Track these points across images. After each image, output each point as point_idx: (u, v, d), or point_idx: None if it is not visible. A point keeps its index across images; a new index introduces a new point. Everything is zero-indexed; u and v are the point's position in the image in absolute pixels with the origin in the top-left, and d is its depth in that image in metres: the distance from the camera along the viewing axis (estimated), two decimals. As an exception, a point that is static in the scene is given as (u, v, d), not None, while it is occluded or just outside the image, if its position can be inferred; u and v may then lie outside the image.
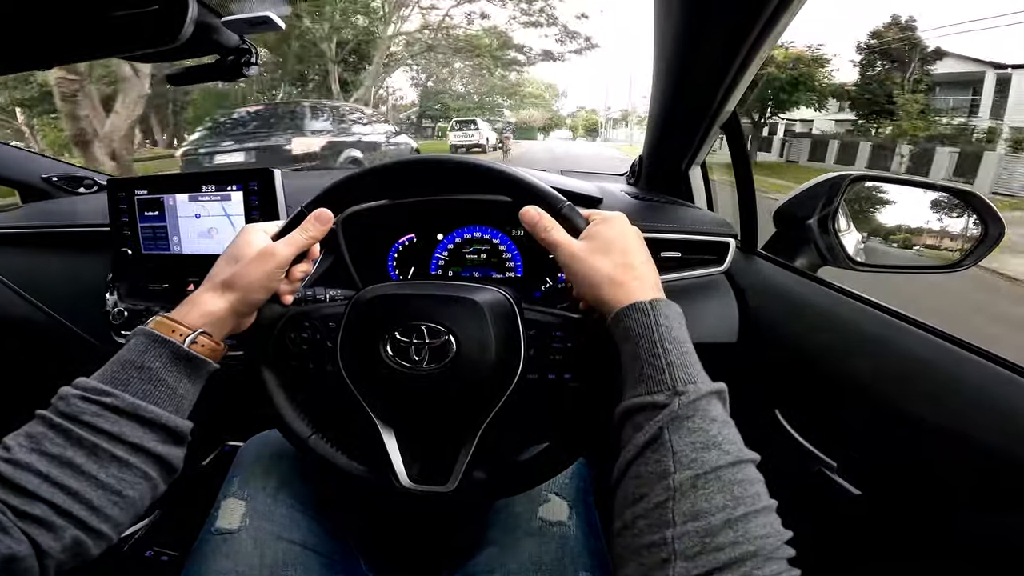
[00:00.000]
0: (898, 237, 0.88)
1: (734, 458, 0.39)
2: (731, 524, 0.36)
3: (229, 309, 0.53)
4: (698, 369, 0.43)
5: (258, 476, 0.68)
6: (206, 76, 0.71)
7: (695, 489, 0.37)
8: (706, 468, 0.38)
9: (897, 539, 0.62)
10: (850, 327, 0.71)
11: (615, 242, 0.50)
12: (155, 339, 0.48)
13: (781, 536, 0.37)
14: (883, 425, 0.61)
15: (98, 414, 0.43)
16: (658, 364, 0.42)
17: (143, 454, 0.45)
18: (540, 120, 47.87)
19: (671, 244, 0.87)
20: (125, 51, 0.57)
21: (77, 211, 1.15)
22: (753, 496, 0.38)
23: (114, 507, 0.43)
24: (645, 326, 0.44)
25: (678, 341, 0.44)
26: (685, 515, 0.37)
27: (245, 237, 0.55)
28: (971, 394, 0.56)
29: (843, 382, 0.67)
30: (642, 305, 0.45)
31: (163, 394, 0.47)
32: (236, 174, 0.92)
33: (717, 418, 0.41)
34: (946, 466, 0.56)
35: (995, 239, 0.75)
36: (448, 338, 0.53)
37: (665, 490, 0.38)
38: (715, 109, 0.79)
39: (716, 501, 0.37)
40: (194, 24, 0.52)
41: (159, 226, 0.96)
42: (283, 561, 0.61)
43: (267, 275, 0.53)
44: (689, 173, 1.03)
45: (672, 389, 0.41)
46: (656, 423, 0.40)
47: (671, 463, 0.39)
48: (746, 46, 0.62)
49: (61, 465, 0.41)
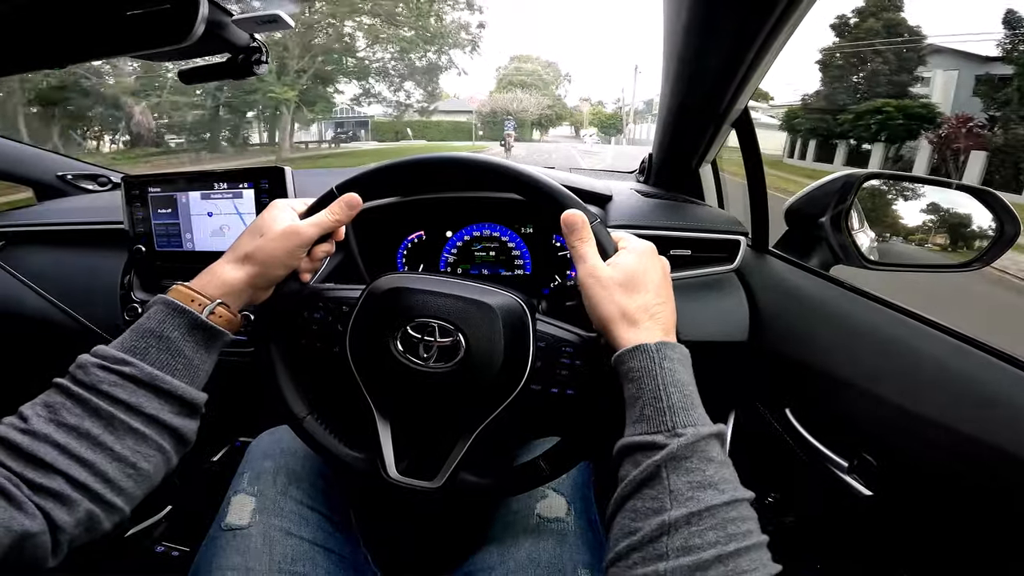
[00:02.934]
0: (912, 236, 0.87)
1: (729, 497, 0.40)
2: (722, 559, 0.37)
3: (247, 281, 0.53)
4: (699, 412, 0.44)
5: (268, 472, 0.69)
6: (217, 74, 0.72)
7: (689, 525, 0.38)
8: (701, 506, 0.39)
9: (908, 540, 0.61)
10: (863, 327, 0.70)
11: (639, 280, 0.50)
12: (174, 308, 0.48)
13: (769, 570, 0.38)
14: (895, 426, 0.61)
15: (116, 384, 0.43)
16: (660, 407, 0.43)
17: (159, 426, 0.45)
18: (534, 109, 37.00)
19: (681, 242, 0.86)
20: (137, 50, 0.58)
21: (92, 208, 1.16)
22: (745, 533, 0.39)
23: (128, 480, 0.43)
24: (649, 368, 0.45)
25: (681, 384, 0.45)
26: (678, 550, 0.38)
27: (272, 212, 0.56)
28: (986, 396, 0.55)
29: (855, 382, 0.66)
30: (648, 348, 0.46)
31: (180, 364, 0.47)
32: (247, 172, 0.93)
33: (715, 459, 0.42)
34: (959, 469, 0.55)
35: (1011, 238, 0.74)
36: (458, 339, 0.53)
37: (660, 525, 0.39)
38: (726, 106, 0.78)
39: (708, 537, 0.38)
40: (205, 23, 0.52)
41: (172, 223, 0.97)
42: (292, 557, 0.62)
43: (289, 252, 0.54)
44: (700, 171, 1.02)
45: (672, 431, 0.42)
46: (655, 462, 0.41)
47: (667, 500, 0.40)
48: (757, 43, 0.61)
49: (79, 436, 0.41)
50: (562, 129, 43.28)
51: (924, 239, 0.86)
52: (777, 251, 0.90)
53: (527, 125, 36.42)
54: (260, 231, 0.54)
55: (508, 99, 37.02)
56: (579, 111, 49.42)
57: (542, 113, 38.46)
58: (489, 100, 36.75)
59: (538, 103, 37.88)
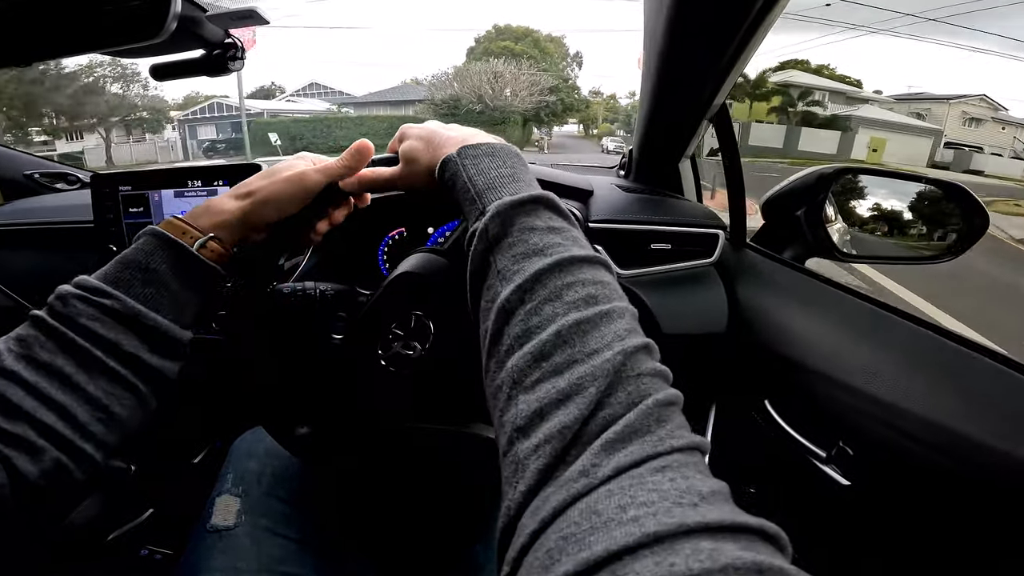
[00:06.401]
0: (884, 228, 0.89)
1: (556, 259, 0.35)
2: (563, 336, 0.31)
3: (240, 213, 0.49)
4: (512, 187, 0.42)
5: (252, 473, 0.68)
6: (191, 71, 0.70)
7: (522, 304, 0.34)
8: (526, 276, 0.34)
9: (886, 529, 0.63)
10: (837, 318, 0.72)
11: (416, 142, 0.51)
12: (164, 240, 0.45)
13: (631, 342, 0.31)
14: (869, 415, 0.63)
15: (95, 317, 0.40)
16: (470, 196, 0.42)
17: (136, 365, 0.42)
18: (526, 93, 21.61)
19: (661, 236, 0.88)
20: (108, 46, 0.56)
21: (61, 207, 1.13)
22: (586, 298, 0.33)
23: (99, 424, 0.40)
24: (455, 171, 0.45)
25: (485, 170, 0.43)
26: (519, 337, 0.32)
27: (288, 160, 0.54)
28: (958, 385, 0.57)
29: (830, 373, 0.68)
30: (450, 156, 0.46)
31: (166, 300, 0.44)
32: (223, 169, 0.91)
33: (538, 227, 0.38)
34: (930, 456, 0.57)
35: (979, 231, 0.76)
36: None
37: (498, 313, 0.34)
38: (704, 103, 0.79)
39: (545, 312, 0.33)
40: (177, 19, 0.51)
41: (144, 223, 0.94)
42: (280, 556, 0.61)
43: (290, 196, 0.51)
44: (679, 166, 1.03)
45: (482, 211, 0.40)
46: (476, 248, 0.39)
47: (498, 284, 0.36)
48: (735, 42, 0.62)
49: (49, 375, 0.38)
50: (567, 127, 29.37)
51: (895, 231, 0.88)
52: (754, 244, 0.91)
53: (512, 122, 21.04)
54: (271, 173, 0.52)
55: (480, 73, 21.22)
56: (595, 101, 36.20)
57: (541, 101, 22.22)
58: (450, 79, 22.73)
59: (533, 83, 21.85)
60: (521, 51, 23.59)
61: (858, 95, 19.93)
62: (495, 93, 21.15)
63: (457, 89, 21.60)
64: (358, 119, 21.18)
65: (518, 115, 21.28)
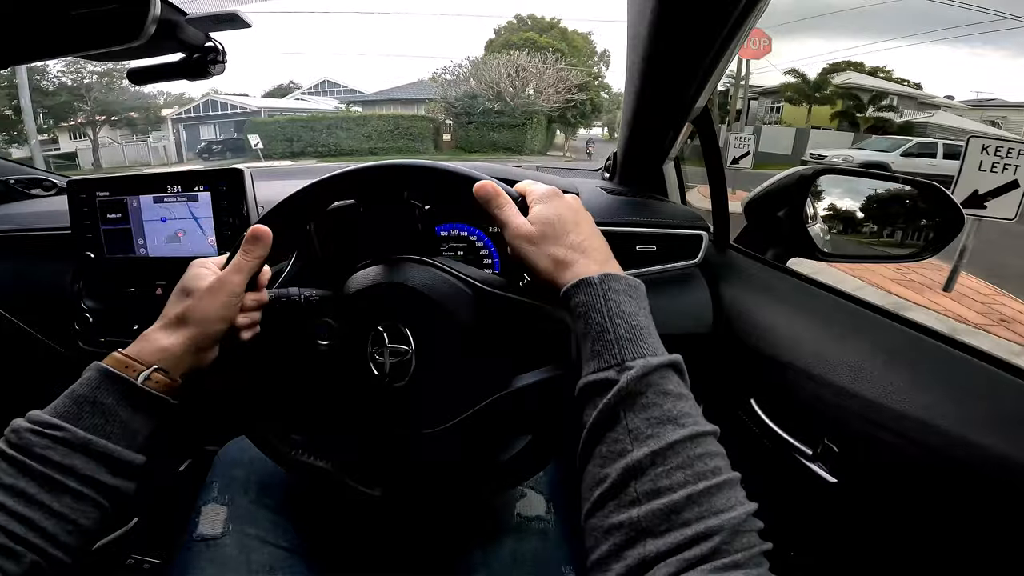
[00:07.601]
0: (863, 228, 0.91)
1: (691, 432, 0.38)
2: (694, 499, 0.35)
3: (185, 344, 0.50)
4: (650, 343, 0.42)
5: (238, 480, 0.67)
6: (169, 75, 0.69)
7: (654, 466, 0.37)
8: (663, 443, 0.37)
9: (872, 525, 0.64)
10: (819, 317, 0.73)
11: (559, 224, 0.49)
12: (108, 375, 0.47)
13: (746, 508, 0.36)
14: (852, 412, 0.63)
15: (49, 447, 0.43)
16: (607, 340, 0.41)
17: (95, 485, 0.45)
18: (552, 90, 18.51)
19: (646, 238, 0.88)
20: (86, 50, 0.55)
21: (37, 214, 1.10)
22: (713, 470, 0.37)
23: (68, 535, 0.43)
24: (593, 301, 0.43)
25: (628, 315, 0.43)
26: (648, 494, 0.36)
27: (193, 271, 0.53)
28: (940, 381, 0.58)
29: (813, 371, 0.69)
30: (591, 281, 0.44)
31: (116, 428, 0.46)
32: (203, 174, 0.90)
33: (671, 392, 0.40)
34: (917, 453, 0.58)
35: (955, 229, 0.78)
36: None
37: (626, 469, 0.37)
38: (687, 105, 0.80)
39: (677, 477, 0.36)
40: (156, 23, 0.50)
41: (123, 229, 0.93)
42: (270, 565, 0.61)
43: (222, 305, 0.51)
44: (663, 168, 1.04)
45: (620, 364, 0.40)
46: (609, 401, 0.39)
47: (628, 441, 0.38)
48: (716, 44, 0.63)
49: (15, 495, 0.41)
50: (593, 131, 25.82)
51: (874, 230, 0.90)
52: (737, 245, 0.93)
53: (535, 123, 18.54)
54: (186, 291, 0.52)
55: (500, 66, 18.46)
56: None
57: (568, 99, 19.38)
58: (467, 74, 19.54)
59: (560, 79, 19.12)
60: (546, 43, 21.02)
61: (930, 101, 17.80)
62: (516, 90, 18.63)
63: (474, 85, 19.04)
64: (361, 119, 18.82)
65: (542, 115, 19.00)
